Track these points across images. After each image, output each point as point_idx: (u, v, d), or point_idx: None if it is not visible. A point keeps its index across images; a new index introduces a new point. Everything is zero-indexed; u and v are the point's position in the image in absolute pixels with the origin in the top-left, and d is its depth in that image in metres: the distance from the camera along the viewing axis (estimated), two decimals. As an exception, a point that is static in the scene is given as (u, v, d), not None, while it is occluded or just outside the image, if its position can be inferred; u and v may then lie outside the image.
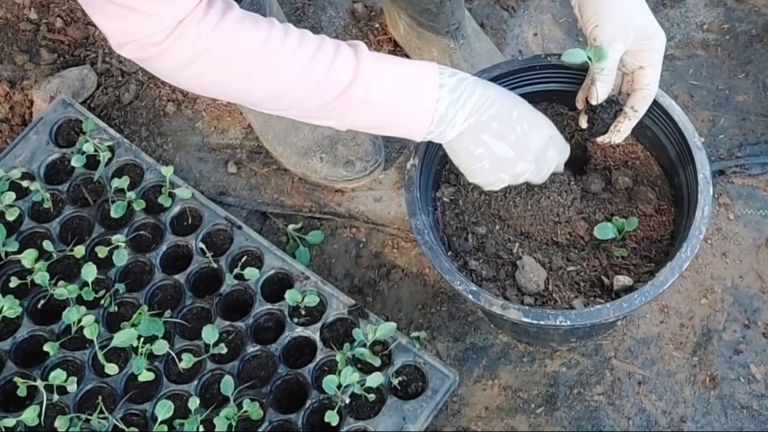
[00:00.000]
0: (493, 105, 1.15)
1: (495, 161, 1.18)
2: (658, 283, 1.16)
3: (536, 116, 1.21)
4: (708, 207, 1.20)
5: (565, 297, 1.23)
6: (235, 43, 1.02)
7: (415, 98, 1.12)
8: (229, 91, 1.10)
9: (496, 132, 1.16)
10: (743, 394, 1.46)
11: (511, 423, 1.47)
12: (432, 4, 1.56)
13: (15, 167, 1.63)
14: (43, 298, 1.49)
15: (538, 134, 1.20)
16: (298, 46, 1.06)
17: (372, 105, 1.11)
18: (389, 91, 1.11)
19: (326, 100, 1.09)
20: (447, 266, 1.20)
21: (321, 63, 1.07)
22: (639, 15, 1.19)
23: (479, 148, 1.17)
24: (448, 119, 1.13)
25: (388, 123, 1.14)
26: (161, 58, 1.02)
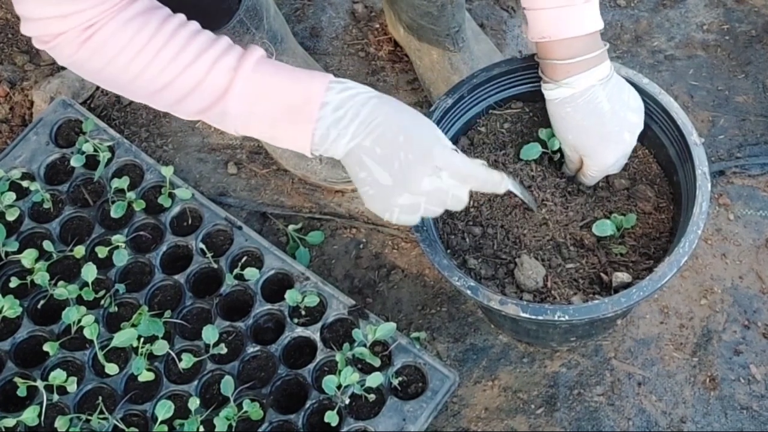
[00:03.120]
0: (378, 128, 1.06)
1: (378, 189, 1.09)
2: (656, 278, 1.16)
3: (428, 144, 1.08)
4: (706, 203, 1.20)
5: (564, 294, 1.23)
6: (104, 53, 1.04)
7: (291, 116, 1.06)
8: (111, 90, 1.12)
9: (379, 156, 1.06)
10: (743, 395, 1.46)
11: (511, 424, 1.47)
12: (433, 7, 1.56)
13: (15, 167, 1.63)
14: (43, 298, 1.49)
15: (422, 164, 1.07)
16: (176, 54, 1.04)
17: (249, 117, 1.07)
18: (265, 106, 1.07)
19: (199, 108, 1.08)
20: (445, 263, 1.20)
21: (195, 72, 1.05)
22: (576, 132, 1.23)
23: (362, 172, 1.08)
24: (330, 139, 1.06)
25: (270, 136, 1.10)
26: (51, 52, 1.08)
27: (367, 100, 1.07)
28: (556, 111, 1.24)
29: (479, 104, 1.36)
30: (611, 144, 1.23)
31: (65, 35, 1.03)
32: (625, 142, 1.24)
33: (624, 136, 1.24)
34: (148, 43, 1.04)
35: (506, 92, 1.37)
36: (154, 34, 1.04)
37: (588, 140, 1.23)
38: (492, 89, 1.36)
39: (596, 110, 1.20)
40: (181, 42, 1.05)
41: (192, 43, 1.05)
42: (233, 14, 1.45)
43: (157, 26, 1.05)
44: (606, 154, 1.24)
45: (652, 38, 1.81)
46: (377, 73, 1.80)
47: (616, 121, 1.22)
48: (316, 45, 1.84)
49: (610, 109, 1.21)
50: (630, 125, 1.24)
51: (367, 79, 1.79)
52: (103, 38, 1.03)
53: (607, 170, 1.28)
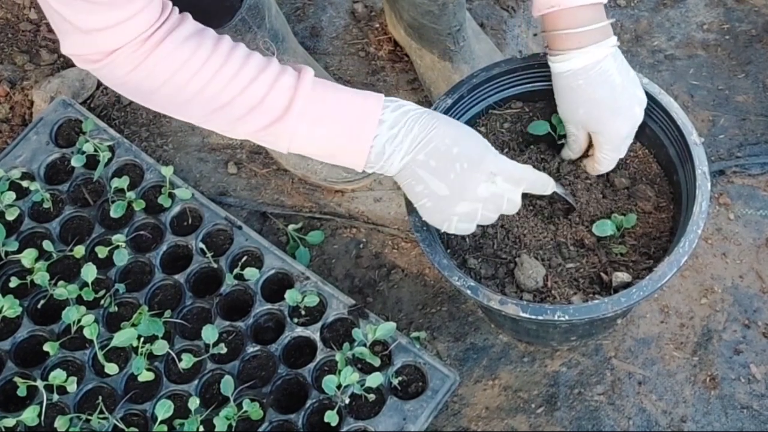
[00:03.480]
0: (432, 141, 1.11)
1: (435, 200, 1.14)
2: (656, 278, 1.16)
3: (480, 152, 1.13)
4: (706, 202, 1.20)
5: (564, 294, 1.23)
6: (165, 68, 1.03)
7: (350, 133, 1.09)
8: (162, 109, 1.11)
9: (434, 169, 1.11)
10: (743, 394, 1.46)
11: (511, 423, 1.46)
12: (434, 6, 1.56)
13: (15, 167, 1.63)
14: (43, 298, 1.49)
15: (477, 171, 1.12)
16: (236, 72, 1.05)
17: (305, 137, 1.09)
18: (324, 124, 1.09)
19: (257, 127, 1.08)
20: (445, 263, 1.20)
21: (257, 91, 1.06)
22: (588, 106, 1.20)
23: (419, 185, 1.13)
24: (386, 156, 1.10)
25: (324, 154, 1.12)
26: (99, 72, 1.06)
27: (418, 116, 1.11)
28: (566, 83, 1.22)
29: (479, 104, 1.36)
30: (622, 117, 1.22)
31: (121, 50, 1.02)
32: (635, 116, 1.23)
33: (635, 109, 1.22)
34: (207, 61, 1.04)
35: (506, 92, 1.37)
36: (212, 53, 1.04)
37: (600, 113, 1.21)
38: (492, 89, 1.36)
39: (608, 82, 1.19)
40: (239, 61, 1.06)
41: (249, 62, 1.06)
42: (235, 12, 1.45)
43: (213, 45, 1.05)
44: (618, 127, 1.22)
45: (652, 38, 1.81)
46: (377, 73, 1.80)
47: (627, 94, 1.21)
48: (316, 45, 1.84)
49: (621, 82, 1.20)
50: (639, 99, 1.23)
51: (367, 79, 1.79)
52: (162, 55, 1.02)
53: (618, 147, 1.25)
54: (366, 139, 1.09)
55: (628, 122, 1.23)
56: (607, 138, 1.24)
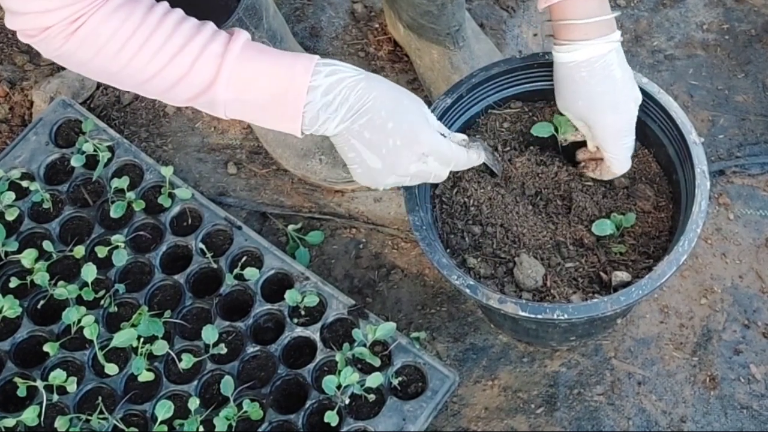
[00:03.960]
0: (368, 113, 1.09)
1: (365, 169, 1.14)
2: (655, 277, 1.16)
3: (415, 130, 1.13)
4: (705, 201, 1.20)
5: (563, 293, 1.23)
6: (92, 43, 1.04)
7: (280, 102, 1.08)
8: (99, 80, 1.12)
9: (368, 141, 1.11)
10: (743, 395, 1.46)
11: (511, 423, 1.46)
12: (433, 6, 1.56)
13: (15, 167, 1.63)
14: (43, 298, 1.49)
15: (410, 151, 1.12)
16: (163, 42, 1.04)
17: (238, 102, 1.08)
18: (253, 92, 1.08)
19: (188, 96, 1.08)
20: (445, 262, 1.20)
21: (184, 59, 1.05)
22: (587, 98, 1.21)
23: (351, 152, 1.13)
24: (320, 122, 1.09)
25: (258, 120, 1.12)
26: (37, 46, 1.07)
27: (356, 83, 1.09)
28: (568, 75, 1.22)
29: (478, 104, 1.36)
30: (619, 112, 1.22)
31: (51, 29, 1.03)
32: (630, 111, 1.23)
33: (631, 105, 1.23)
34: (135, 32, 1.04)
35: (505, 92, 1.37)
36: (141, 23, 1.04)
37: (599, 107, 1.21)
38: (491, 89, 1.36)
39: (610, 77, 1.20)
40: (168, 30, 1.05)
41: (178, 31, 1.05)
42: (232, 12, 1.45)
43: (143, 15, 1.04)
44: (614, 122, 1.22)
45: (651, 38, 1.81)
46: (377, 73, 1.80)
47: (626, 90, 1.22)
48: (315, 45, 1.84)
49: (622, 77, 1.21)
50: (635, 96, 1.23)
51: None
52: (90, 29, 1.03)
53: (616, 142, 1.24)
54: (296, 108, 1.07)
55: (624, 117, 1.23)
56: (602, 132, 1.24)
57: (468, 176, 1.32)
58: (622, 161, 1.27)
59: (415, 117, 1.13)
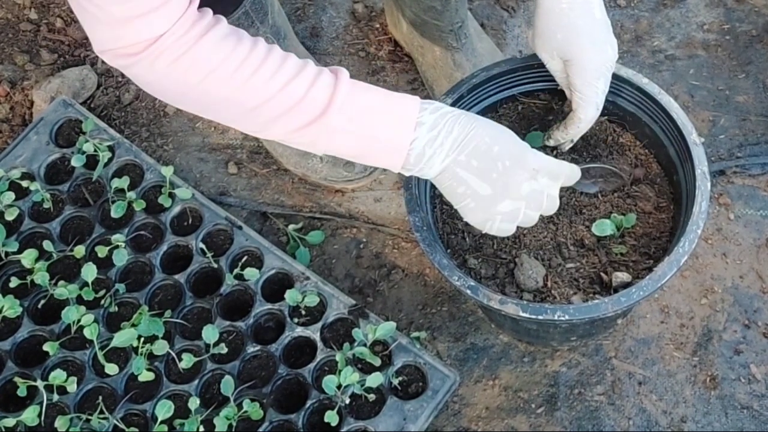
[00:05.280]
0: (472, 141, 1.10)
1: (477, 200, 1.12)
2: (656, 278, 1.16)
3: (520, 150, 1.13)
4: (706, 202, 1.20)
5: (564, 294, 1.23)
6: (209, 62, 1.02)
7: (389, 135, 1.08)
8: (198, 107, 1.09)
9: (476, 169, 1.10)
10: (743, 395, 1.46)
11: (511, 423, 1.46)
12: (437, 1, 1.56)
13: (15, 167, 1.63)
14: (43, 298, 1.49)
15: (520, 169, 1.12)
16: (277, 69, 1.04)
17: (345, 135, 1.08)
18: (364, 124, 1.08)
19: (298, 125, 1.07)
20: (445, 263, 1.20)
21: (298, 87, 1.05)
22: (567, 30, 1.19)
23: (461, 186, 1.12)
24: (426, 158, 1.09)
25: (361, 154, 1.11)
26: (136, 68, 1.03)
27: (456, 117, 1.10)
28: (550, 6, 1.21)
29: (479, 104, 1.36)
30: (598, 49, 1.21)
31: (167, 36, 0.99)
32: (607, 53, 1.21)
33: (607, 47, 1.21)
34: (248, 58, 1.03)
35: (506, 92, 1.37)
36: (251, 50, 1.04)
37: (577, 40, 1.20)
38: (492, 89, 1.36)
39: (590, 14, 1.20)
40: (278, 59, 1.05)
41: (288, 62, 1.05)
42: (239, 5, 1.45)
43: (252, 43, 1.04)
44: (592, 57, 1.20)
45: (652, 38, 1.81)
46: (377, 73, 1.80)
47: (604, 30, 1.21)
48: (316, 45, 1.84)
49: (601, 18, 1.21)
50: (612, 42, 1.22)
51: (367, 79, 1.79)
52: (207, 46, 1.01)
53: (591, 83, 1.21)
54: (404, 140, 1.08)
55: (601, 57, 1.21)
56: (577, 68, 1.21)
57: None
58: (590, 105, 1.23)
59: (516, 139, 1.14)
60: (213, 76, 1.02)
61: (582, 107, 1.23)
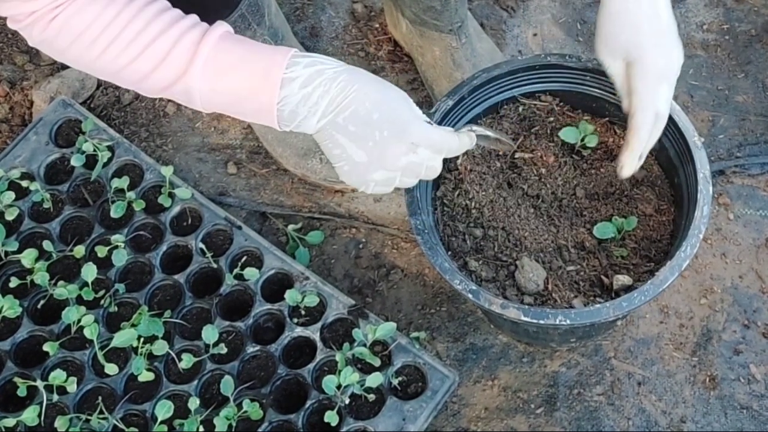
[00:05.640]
0: (351, 105, 1.04)
1: (352, 165, 1.08)
2: (657, 282, 1.16)
3: (402, 120, 1.07)
4: (707, 206, 1.20)
5: (564, 297, 1.23)
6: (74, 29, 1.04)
7: (254, 94, 1.04)
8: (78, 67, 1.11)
9: (353, 135, 1.06)
10: (743, 395, 1.46)
11: (511, 423, 1.47)
12: (437, 1, 1.56)
13: (15, 167, 1.63)
14: (43, 298, 1.49)
15: (398, 141, 1.07)
16: (143, 28, 1.03)
17: (212, 94, 1.06)
18: (227, 82, 1.05)
19: (162, 86, 1.07)
20: (447, 266, 1.20)
21: (160, 47, 1.03)
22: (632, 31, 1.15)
23: (336, 148, 1.08)
24: (301, 117, 1.05)
25: (236, 112, 1.09)
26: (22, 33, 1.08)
27: (336, 75, 1.05)
28: (616, 5, 1.17)
29: (480, 105, 1.36)
30: (664, 50, 1.17)
31: (36, 13, 1.03)
32: (673, 57, 1.17)
33: (674, 52, 1.18)
34: (114, 20, 1.03)
35: (507, 93, 1.37)
36: (121, 11, 1.03)
37: (643, 40, 1.16)
38: (493, 90, 1.36)
39: (657, 15, 1.16)
40: (147, 18, 1.04)
41: (158, 19, 1.04)
42: (235, 8, 1.45)
43: (125, 2, 1.04)
44: (657, 58, 1.16)
45: (651, 38, 1.80)
46: (377, 73, 1.79)
47: (671, 33, 1.17)
48: (315, 45, 1.84)
49: (667, 20, 1.17)
50: (679, 45, 1.18)
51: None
52: (70, 14, 1.03)
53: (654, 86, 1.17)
54: (270, 99, 1.04)
55: (667, 58, 1.17)
56: (642, 68, 1.16)
57: (470, 178, 1.33)
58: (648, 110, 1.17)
59: (401, 107, 1.09)
60: (78, 42, 1.04)
61: (641, 111, 1.17)
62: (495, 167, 1.35)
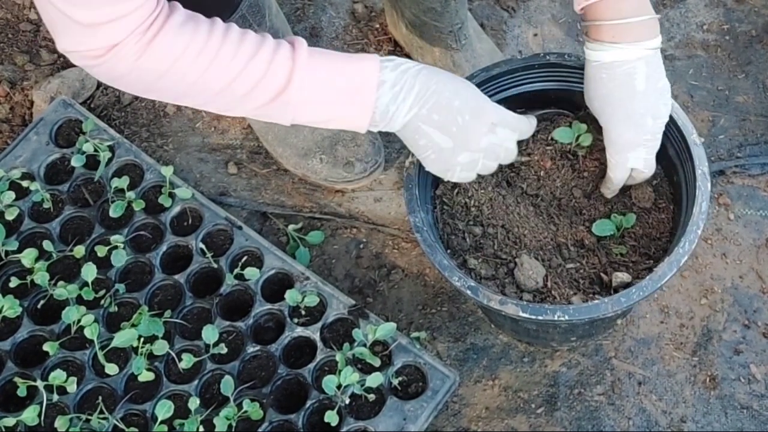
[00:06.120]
0: (433, 96, 1.14)
1: (438, 152, 1.18)
2: (656, 278, 1.16)
3: (480, 104, 1.18)
4: (706, 202, 1.20)
5: (564, 294, 1.23)
6: (169, 54, 1.04)
7: (352, 98, 1.12)
8: (165, 96, 1.12)
9: (437, 123, 1.15)
10: (743, 395, 1.46)
11: (511, 423, 1.47)
12: (437, 2, 1.56)
13: (15, 167, 1.63)
14: (43, 298, 1.49)
15: (479, 123, 1.17)
16: (235, 51, 1.06)
17: (309, 106, 1.11)
18: (326, 91, 1.11)
19: (262, 102, 1.10)
20: (446, 263, 1.20)
21: (257, 67, 1.07)
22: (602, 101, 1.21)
23: (422, 139, 1.17)
24: (390, 114, 1.13)
25: (328, 119, 1.15)
26: (99, 68, 1.05)
27: (417, 72, 1.13)
28: (591, 74, 1.21)
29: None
30: (631, 124, 1.20)
31: (124, 43, 1.01)
32: (644, 126, 1.21)
33: (646, 120, 1.20)
34: (206, 45, 1.05)
35: (506, 92, 1.37)
36: (209, 36, 1.05)
37: (612, 112, 1.21)
38: (491, 89, 1.36)
39: (629, 86, 1.18)
40: (236, 40, 1.07)
41: (246, 41, 1.07)
42: (236, 9, 1.45)
43: (209, 28, 1.06)
44: (622, 132, 1.21)
45: (652, 38, 1.80)
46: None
47: (644, 103, 1.19)
48: (316, 45, 1.82)
49: (644, 90, 1.19)
50: (655, 111, 1.21)
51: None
52: (164, 43, 1.03)
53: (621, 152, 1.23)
54: (368, 102, 1.11)
55: (634, 130, 1.21)
56: (610, 139, 1.24)
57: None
58: (619, 170, 1.26)
59: (476, 93, 1.18)
60: (174, 68, 1.05)
61: (611, 170, 1.27)
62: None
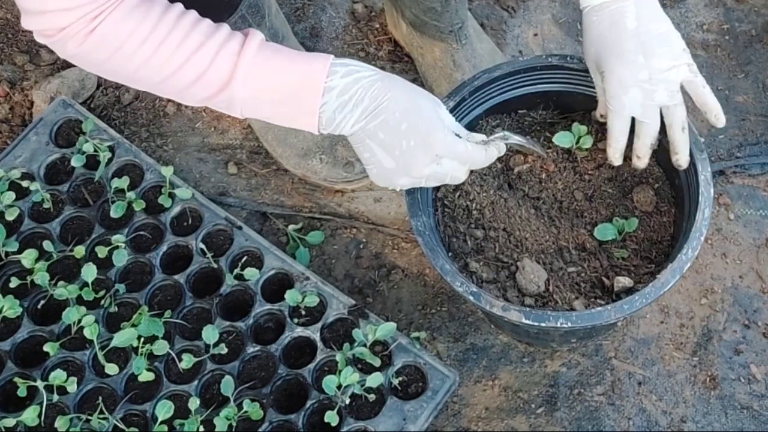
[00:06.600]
0: (382, 114, 1.10)
1: (380, 169, 1.15)
2: (659, 285, 1.16)
3: (430, 131, 1.12)
4: (709, 209, 1.20)
5: (565, 298, 1.23)
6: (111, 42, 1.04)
7: (297, 102, 1.10)
8: (116, 79, 1.12)
9: (382, 142, 1.11)
10: (743, 395, 1.46)
11: (511, 423, 1.47)
12: (437, 2, 1.56)
13: (15, 167, 1.63)
14: (43, 298, 1.49)
15: (423, 152, 1.12)
16: (182, 40, 1.05)
17: (255, 101, 1.10)
18: (271, 90, 1.09)
19: (205, 95, 1.09)
20: (448, 267, 1.20)
21: (201, 59, 1.06)
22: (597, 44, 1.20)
23: (366, 152, 1.14)
24: (336, 122, 1.10)
25: (276, 118, 1.13)
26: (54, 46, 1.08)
27: (371, 84, 1.09)
28: (585, 21, 1.21)
29: (480, 106, 1.36)
30: (624, 63, 1.18)
31: (69, 29, 1.03)
32: (635, 63, 1.18)
33: (638, 57, 1.18)
34: (153, 32, 1.04)
35: (508, 94, 1.37)
36: (158, 23, 1.05)
37: (605, 54, 1.20)
38: (493, 91, 1.36)
39: (618, 25, 1.18)
40: (185, 30, 1.06)
41: (195, 31, 1.06)
42: (235, 9, 1.45)
43: (159, 15, 1.05)
44: (620, 73, 1.18)
45: (652, 38, 1.80)
46: (377, 73, 1.80)
47: (634, 40, 1.18)
48: (316, 45, 1.84)
49: (635, 28, 1.18)
50: (647, 50, 1.18)
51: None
52: (108, 29, 1.03)
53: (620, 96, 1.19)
54: (313, 107, 1.09)
55: (625, 67, 1.18)
56: (607, 80, 1.20)
57: (470, 179, 1.32)
58: (617, 117, 1.21)
59: (429, 118, 1.13)
60: (116, 56, 1.05)
61: (610, 116, 1.22)
62: (495, 168, 1.35)
